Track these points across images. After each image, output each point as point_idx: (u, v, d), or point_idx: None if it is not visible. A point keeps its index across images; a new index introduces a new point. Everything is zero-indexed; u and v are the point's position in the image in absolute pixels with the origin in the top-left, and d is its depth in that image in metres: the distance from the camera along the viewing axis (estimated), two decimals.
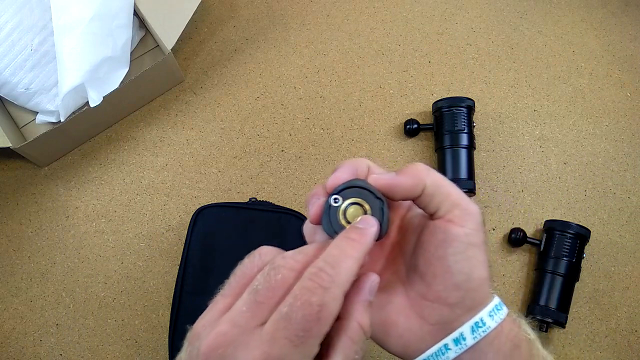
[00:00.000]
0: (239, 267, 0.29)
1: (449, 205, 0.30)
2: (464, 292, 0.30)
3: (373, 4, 0.77)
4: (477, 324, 0.30)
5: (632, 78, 0.72)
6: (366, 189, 0.31)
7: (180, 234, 0.65)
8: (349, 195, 0.31)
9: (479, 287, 0.30)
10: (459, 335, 0.30)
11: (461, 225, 0.30)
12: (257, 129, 0.70)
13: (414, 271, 0.32)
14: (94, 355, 0.60)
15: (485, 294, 0.30)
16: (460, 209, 0.30)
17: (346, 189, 0.31)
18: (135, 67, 0.71)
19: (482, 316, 0.30)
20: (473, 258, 0.29)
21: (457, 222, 0.30)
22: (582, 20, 0.75)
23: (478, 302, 0.30)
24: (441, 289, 0.30)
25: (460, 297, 0.30)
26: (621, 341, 0.60)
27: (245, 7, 0.77)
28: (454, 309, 0.30)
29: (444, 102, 0.65)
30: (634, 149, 0.68)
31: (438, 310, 0.30)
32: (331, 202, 0.31)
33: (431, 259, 0.30)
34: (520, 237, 0.62)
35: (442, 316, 0.30)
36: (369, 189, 0.31)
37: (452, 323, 0.30)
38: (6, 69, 0.63)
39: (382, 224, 0.30)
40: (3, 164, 0.69)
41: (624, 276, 0.62)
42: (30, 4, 0.64)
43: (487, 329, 0.29)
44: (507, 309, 0.31)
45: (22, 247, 0.65)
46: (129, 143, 0.69)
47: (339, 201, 0.31)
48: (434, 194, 0.30)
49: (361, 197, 0.31)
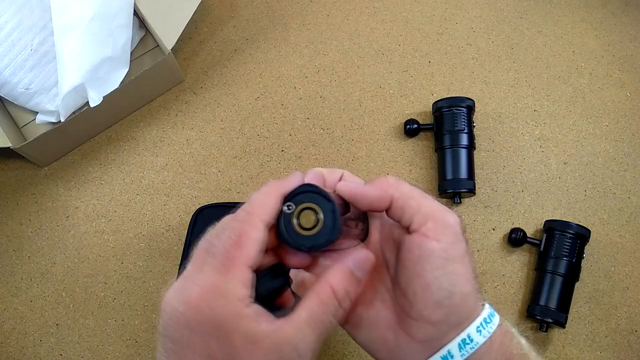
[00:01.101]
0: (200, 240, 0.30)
1: (422, 218, 0.29)
2: (447, 309, 0.28)
3: (373, 4, 0.77)
4: (464, 341, 0.29)
5: (632, 78, 0.72)
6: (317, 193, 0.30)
7: (180, 234, 0.65)
8: (301, 200, 0.30)
9: (463, 302, 0.29)
10: (446, 353, 0.29)
11: (436, 239, 0.28)
12: (257, 129, 0.70)
13: (397, 287, 0.31)
14: (94, 355, 0.60)
15: (472, 307, 0.29)
16: (434, 222, 0.29)
17: (298, 194, 0.30)
18: (135, 67, 0.71)
19: (470, 332, 0.29)
20: (453, 273, 0.28)
21: (431, 236, 0.29)
22: (582, 20, 0.75)
23: (464, 317, 0.29)
24: (422, 307, 0.29)
25: (444, 314, 0.29)
26: (621, 341, 0.60)
27: (245, 7, 0.77)
28: (439, 326, 0.29)
29: (444, 102, 0.65)
30: (634, 149, 0.68)
31: (423, 328, 0.29)
32: (285, 209, 0.30)
33: (410, 276, 0.29)
34: (520, 237, 0.62)
35: (428, 334, 0.29)
36: (320, 192, 0.30)
37: (440, 340, 0.29)
38: (6, 69, 0.63)
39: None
40: (3, 164, 0.69)
41: (624, 276, 0.62)
42: (30, 4, 0.64)
43: (475, 345, 0.28)
44: (499, 318, 0.30)
45: (22, 247, 0.65)
46: (129, 143, 0.69)
47: (292, 208, 0.30)
48: (404, 206, 0.30)
49: (313, 202, 0.30)
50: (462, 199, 0.65)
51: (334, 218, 0.30)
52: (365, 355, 0.59)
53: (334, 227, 0.29)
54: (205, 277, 0.27)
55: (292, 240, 0.30)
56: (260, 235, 0.28)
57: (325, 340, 0.28)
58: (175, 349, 0.27)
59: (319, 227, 0.30)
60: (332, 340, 0.60)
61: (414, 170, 0.67)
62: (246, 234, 0.28)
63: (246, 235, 0.28)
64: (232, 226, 0.28)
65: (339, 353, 0.60)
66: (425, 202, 0.30)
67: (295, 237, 0.30)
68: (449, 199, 0.65)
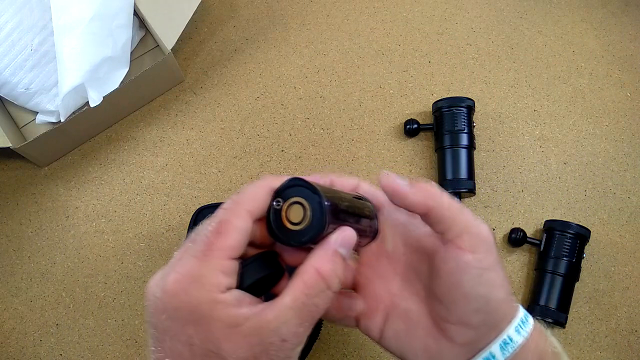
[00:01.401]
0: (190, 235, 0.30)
1: (458, 230, 0.30)
2: (485, 314, 0.30)
3: (373, 4, 0.77)
4: (505, 342, 0.30)
5: (632, 78, 0.72)
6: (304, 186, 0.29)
7: (180, 234, 0.65)
8: (289, 194, 0.29)
9: (499, 306, 0.30)
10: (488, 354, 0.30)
11: (472, 251, 0.29)
12: (257, 129, 0.70)
13: (433, 295, 0.32)
14: (94, 355, 0.60)
15: (507, 310, 0.30)
16: (469, 234, 0.30)
17: (287, 189, 0.29)
18: (135, 67, 0.71)
19: (509, 333, 0.30)
20: (488, 282, 0.30)
21: (467, 248, 0.30)
22: (582, 20, 0.75)
23: (501, 318, 0.30)
24: (462, 314, 0.30)
25: (482, 319, 0.30)
26: (621, 341, 0.60)
27: (245, 7, 0.77)
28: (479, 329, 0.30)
29: (444, 102, 0.65)
30: (634, 149, 0.68)
31: (463, 332, 0.30)
32: (274, 205, 0.29)
33: (447, 285, 0.30)
34: (520, 237, 0.62)
35: (468, 337, 0.30)
36: (307, 185, 0.29)
37: (480, 342, 0.30)
38: (6, 69, 0.63)
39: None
40: (3, 164, 0.69)
41: (624, 276, 0.62)
42: (30, 4, 0.64)
43: (515, 345, 0.30)
44: (533, 320, 0.31)
45: (22, 247, 0.65)
46: (129, 143, 0.69)
47: (280, 203, 0.29)
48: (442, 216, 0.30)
49: (301, 196, 0.29)
50: (462, 199, 0.65)
51: (321, 211, 0.28)
52: (365, 355, 0.59)
53: (321, 220, 0.28)
54: (183, 264, 0.27)
55: (280, 236, 0.29)
56: (244, 224, 0.28)
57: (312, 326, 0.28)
58: (157, 334, 0.27)
59: (307, 222, 0.28)
60: (332, 340, 0.60)
61: (414, 170, 0.67)
62: (228, 222, 0.27)
63: (228, 224, 0.27)
64: (216, 214, 0.28)
65: (339, 353, 0.60)
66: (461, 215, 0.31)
67: (284, 232, 0.29)
68: None
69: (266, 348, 0.26)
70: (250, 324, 0.26)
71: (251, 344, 0.25)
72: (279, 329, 0.26)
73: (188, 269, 0.27)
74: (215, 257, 0.27)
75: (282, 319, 0.26)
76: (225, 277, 0.27)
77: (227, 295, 0.26)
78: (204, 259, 0.27)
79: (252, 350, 0.25)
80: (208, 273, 0.26)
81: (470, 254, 0.29)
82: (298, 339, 0.27)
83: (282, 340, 0.26)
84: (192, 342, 0.26)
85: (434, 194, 0.30)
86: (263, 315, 0.26)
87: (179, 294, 0.26)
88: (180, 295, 0.26)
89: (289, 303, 0.26)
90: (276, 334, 0.26)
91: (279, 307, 0.26)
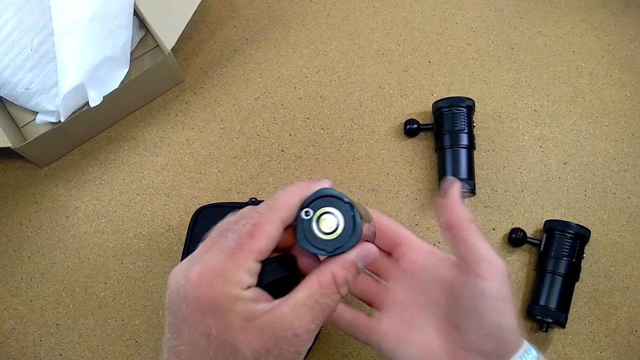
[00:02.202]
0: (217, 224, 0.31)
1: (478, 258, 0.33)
2: (496, 341, 0.32)
3: (373, 4, 0.77)
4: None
5: (632, 78, 0.72)
6: (334, 197, 0.31)
7: (180, 234, 0.65)
8: (319, 205, 0.30)
9: (509, 335, 0.33)
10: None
11: (489, 280, 0.32)
12: (257, 129, 0.70)
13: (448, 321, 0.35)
14: (94, 355, 0.60)
15: (515, 340, 0.33)
16: (487, 263, 0.33)
17: (316, 200, 0.31)
18: (135, 67, 0.71)
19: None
20: (502, 310, 0.32)
21: (485, 276, 0.32)
22: (582, 20, 0.75)
23: (509, 348, 0.33)
24: (475, 339, 0.33)
25: (493, 345, 0.32)
26: (621, 341, 0.60)
27: (245, 7, 0.77)
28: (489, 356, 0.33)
29: (444, 102, 0.65)
30: (634, 149, 0.68)
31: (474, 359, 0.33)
32: (302, 215, 0.30)
33: (464, 311, 0.33)
34: (520, 237, 0.62)
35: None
36: (336, 195, 0.31)
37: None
38: (6, 69, 0.63)
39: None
40: (3, 164, 0.69)
41: (624, 276, 0.62)
42: (30, 4, 0.64)
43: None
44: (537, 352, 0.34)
45: (22, 247, 0.65)
46: (129, 143, 0.69)
47: (310, 213, 0.30)
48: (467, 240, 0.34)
49: (331, 206, 0.30)
50: (462, 199, 0.65)
51: (354, 221, 0.30)
52: (365, 355, 0.59)
53: (355, 229, 0.30)
54: (211, 257, 0.28)
55: (313, 245, 0.30)
56: (275, 231, 0.29)
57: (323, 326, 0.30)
58: (175, 322, 0.28)
59: (340, 231, 0.30)
60: (332, 340, 0.60)
61: (414, 170, 0.67)
62: (261, 227, 0.29)
63: (261, 228, 0.28)
64: (251, 216, 0.29)
65: (339, 353, 0.60)
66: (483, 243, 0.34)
67: (316, 242, 0.30)
68: None
69: (278, 341, 0.27)
70: (265, 318, 0.27)
71: (265, 337, 0.27)
72: (292, 323, 0.27)
73: (215, 262, 0.28)
74: (243, 257, 0.28)
75: (296, 313, 0.28)
76: (249, 277, 0.28)
77: (247, 292, 0.28)
78: (233, 256, 0.28)
79: (265, 343, 0.27)
80: (234, 270, 0.27)
81: (489, 282, 0.32)
82: (309, 335, 0.28)
83: (294, 334, 0.27)
84: (209, 332, 0.27)
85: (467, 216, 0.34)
86: (278, 309, 0.28)
87: (202, 285, 0.27)
88: (203, 286, 0.27)
89: (303, 299, 0.28)
90: (289, 328, 0.27)
91: (293, 302, 0.28)
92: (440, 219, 0.36)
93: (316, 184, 0.31)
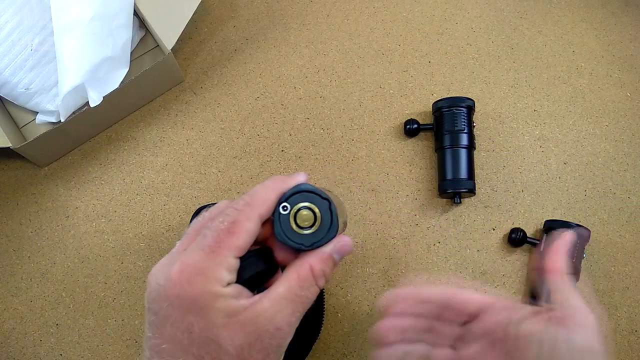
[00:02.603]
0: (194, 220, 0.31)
1: (568, 305, 0.33)
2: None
3: (373, 4, 0.77)
4: None
5: (632, 78, 0.72)
6: (311, 192, 0.31)
7: (180, 234, 0.65)
8: (297, 200, 0.31)
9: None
10: None
11: (577, 330, 0.31)
12: (257, 129, 0.70)
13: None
14: (94, 355, 0.60)
15: None
16: (577, 311, 0.33)
17: (293, 195, 0.31)
18: (135, 67, 0.71)
19: None
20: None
21: (572, 325, 0.32)
22: (582, 20, 0.75)
23: None
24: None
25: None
26: (621, 341, 0.60)
27: (245, 7, 0.77)
28: None
29: (444, 102, 0.65)
30: (634, 149, 0.68)
31: None
32: (280, 210, 0.31)
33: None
34: (520, 237, 0.62)
35: None
36: (314, 191, 0.31)
37: None
38: (6, 69, 0.63)
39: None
40: (3, 164, 0.69)
41: (624, 276, 0.62)
42: (30, 4, 0.64)
43: None
44: None
45: (22, 247, 0.65)
46: (129, 143, 0.69)
47: (287, 208, 0.31)
48: (561, 287, 0.35)
49: (309, 201, 0.31)
50: (462, 199, 0.65)
51: (331, 217, 0.31)
52: (365, 356, 0.59)
53: (332, 225, 0.31)
54: (190, 255, 0.28)
55: (291, 240, 0.31)
56: (253, 227, 0.29)
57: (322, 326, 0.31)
58: (157, 321, 0.28)
59: (317, 225, 0.31)
60: (332, 341, 0.60)
61: (414, 170, 0.67)
62: (240, 224, 0.29)
63: (239, 225, 0.29)
64: (228, 213, 0.29)
65: (339, 353, 0.60)
66: (575, 295, 0.34)
67: (294, 236, 0.31)
68: (449, 199, 0.65)
69: (261, 335, 0.27)
70: (247, 313, 0.28)
71: (247, 332, 0.27)
72: (273, 317, 0.28)
73: (194, 261, 0.28)
74: (222, 254, 0.28)
75: (276, 307, 0.28)
76: (228, 274, 0.28)
77: (227, 289, 0.28)
78: (212, 254, 0.28)
79: (247, 338, 0.27)
80: (213, 267, 0.28)
81: (577, 333, 0.31)
82: (290, 328, 0.29)
83: (276, 328, 0.28)
84: (191, 330, 0.27)
85: (566, 269, 0.35)
86: (259, 304, 0.28)
87: (182, 283, 0.27)
88: (183, 284, 0.27)
89: (284, 293, 0.29)
90: (271, 322, 0.28)
91: (274, 296, 0.28)
92: (543, 261, 0.36)
93: (292, 179, 0.32)
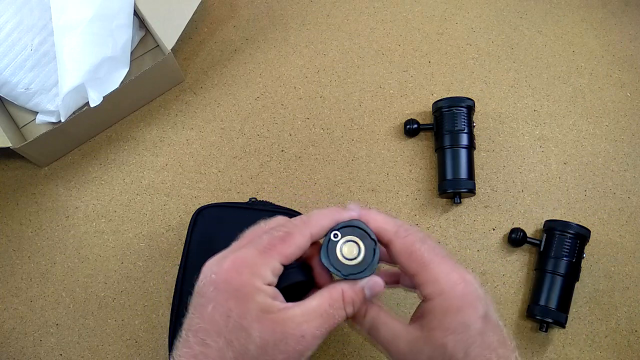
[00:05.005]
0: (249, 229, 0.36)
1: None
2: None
3: (373, 4, 0.77)
4: None
5: (632, 78, 0.72)
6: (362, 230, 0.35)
7: (180, 234, 0.65)
8: (348, 233, 0.35)
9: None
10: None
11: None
12: (257, 129, 0.70)
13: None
14: (94, 355, 0.60)
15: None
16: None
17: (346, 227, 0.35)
18: (135, 67, 0.71)
19: None
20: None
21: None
22: (582, 20, 0.75)
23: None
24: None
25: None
26: (621, 341, 0.60)
27: (245, 7, 0.77)
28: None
29: (444, 102, 0.65)
30: (634, 149, 0.68)
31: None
32: (331, 236, 0.35)
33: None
34: (520, 237, 0.62)
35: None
36: (366, 230, 0.35)
37: None
38: (6, 69, 0.63)
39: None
40: (3, 164, 0.69)
41: (624, 276, 0.62)
42: (30, 4, 0.64)
43: None
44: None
45: (22, 247, 0.65)
46: (129, 143, 0.69)
47: (338, 237, 0.35)
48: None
49: (358, 236, 0.35)
50: (462, 199, 0.65)
51: (374, 256, 0.35)
52: (365, 355, 0.59)
53: (372, 263, 0.34)
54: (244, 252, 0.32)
55: (332, 265, 0.34)
56: (304, 243, 0.34)
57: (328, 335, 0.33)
58: (201, 301, 0.32)
59: (359, 260, 0.34)
60: (332, 341, 0.60)
61: (414, 170, 0.67)
62: (293, 236, 0.33)
63: (293, 237, 0.33)
64: (286, 226, 0.34)
65: (339, 353, 0.60)
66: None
67: (336, 263, 0.34)
68: (449, 199, 0.65)
69: (287, 337, 0.31)
70: (279, 314, 0.31)
71: (275, 331, 0.30)
72: (301, 325, 0.31)
73: (246, 256, 0.32)
74: (272, 257, 0.32)
75: (306, 317, 0.32)
76: (272, 275, 0.32)
77: (268, 288, 0.32)
78: (263, 254, 0.32)
79: (274, 335, 0.30)
80: (261, 265, 0.32)
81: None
82: (314, 340, 0.32)
83: (302, 335, 0.31)
84: (229, 314, 0.31)
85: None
86: (291, 310, 0.32)
87: (232, 272, 0.31)
88: (232, 273, 0.31)
89: (314, 306, 0.32)
90: (298, 328, 0.31)
91: (305, 307, 0.32)
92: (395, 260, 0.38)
93: (348, 212, 0.36)
